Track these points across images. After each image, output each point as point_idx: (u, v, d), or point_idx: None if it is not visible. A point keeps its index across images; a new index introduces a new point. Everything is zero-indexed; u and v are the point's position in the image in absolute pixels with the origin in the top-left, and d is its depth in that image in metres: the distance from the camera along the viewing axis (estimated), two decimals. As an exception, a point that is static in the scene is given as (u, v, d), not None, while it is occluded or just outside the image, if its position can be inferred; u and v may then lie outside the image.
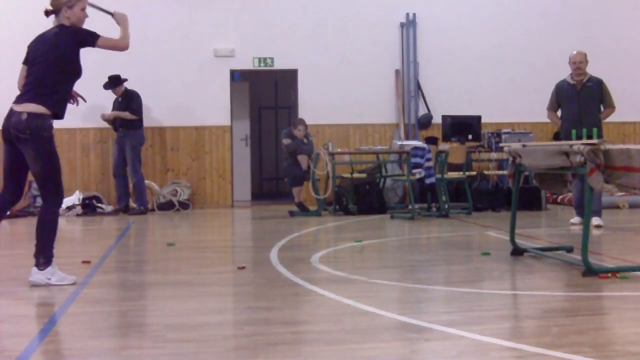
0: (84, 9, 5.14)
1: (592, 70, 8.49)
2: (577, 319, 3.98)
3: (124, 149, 11.00)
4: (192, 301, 4.56)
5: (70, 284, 5.02)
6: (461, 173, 10.48)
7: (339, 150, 11.10)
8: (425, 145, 9.84)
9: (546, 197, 10.69)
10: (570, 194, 9.32)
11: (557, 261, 5.82)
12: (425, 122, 12.39)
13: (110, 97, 11.21)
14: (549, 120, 9.04)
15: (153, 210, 11.29)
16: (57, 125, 5.27)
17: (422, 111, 12.45)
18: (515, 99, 12.43)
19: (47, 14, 5.14)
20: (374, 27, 12.33)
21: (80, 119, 11.60)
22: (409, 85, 12.40)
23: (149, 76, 11.71)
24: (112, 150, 11.44)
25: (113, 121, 11.10)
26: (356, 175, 11.17)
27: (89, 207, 11.08)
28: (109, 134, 11.60)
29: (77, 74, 5.18)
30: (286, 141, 10.66)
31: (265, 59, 12.18)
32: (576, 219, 8.47)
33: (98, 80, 10.83)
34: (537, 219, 9.62)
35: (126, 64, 11.32)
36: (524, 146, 5.97)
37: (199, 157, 12.05)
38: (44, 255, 5.01)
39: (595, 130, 6.12)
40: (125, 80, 11.14)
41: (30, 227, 5.11)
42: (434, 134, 11.95)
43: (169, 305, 4.47)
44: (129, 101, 11.06)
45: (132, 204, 11.18)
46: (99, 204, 11.20)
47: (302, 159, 10.59)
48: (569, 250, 6.21)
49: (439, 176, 9.91)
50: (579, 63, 8.29)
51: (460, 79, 12.39)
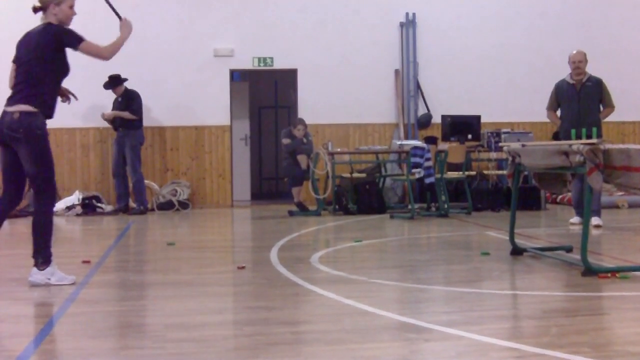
0: (72, 6, 5.09)
1: (592, 70, 8.49)
2: (576, 319, 3.98)
3: (124, 149, 11.00)
4: (192, 301, 4.57)
5: (70, 284, 5.02)
6: (461, 173, 10.48)
7: (338, 150, 11.10)
8: (424, 145, 9.84)
9: (545, 197, 10.69)
10: (570, 193, 9.32)
11: (556, 261, 5.83)
12: (424, 121, 12.39)
13: (110, 96, 11.21)
14: (548, 120, 9.04)
15: (153, 210, 11.29)
16: (58, 125, 5.27)
17: (421, 111, 12.46)
18: (515, 98, 12.44)
19: (35, 10, 5.09)
20: (373, 26, 12.33)
21: (80, 118, 11.61)
22: (408, 85, 12.40)
23: (149, 76, 11.72)
24: (111, 150, 11.44)
25: (113, 121, 11.10)
26: (356, 175, 11.17)
27: (88, 206, 11.08)
28: (109, 133, 11.59)
29: (63, 72, 5.10)
30: (286, 141, 10.66)
31: (265, 58, 12.19)
32: (575, 219, 8.47)
33: (98, 79, 10.84)
34: (536, 218, 9.63)
35: (126, 63, 11.31)
36: (523, 146, 5.97)
37: (199, 156, 12.05)
38: (42, 255, 5.00)
39: (594, 129, 6.11)
40: (126, 80, 11.14)
41: (30, 227, 5.09)
42: (433, 133, 11.95)
43: (168, 305, 4.47)
44: (129, 101, 11.06)
45: (132, 203, 11.18)
46: (98, 204, 11.21)
47: (302, 159, 10.59)
48: (569, 250, 6.21)
49: (438, 176, 9.91)
50: (578, 62, 8.29)
51: (459, 78, 12.40)
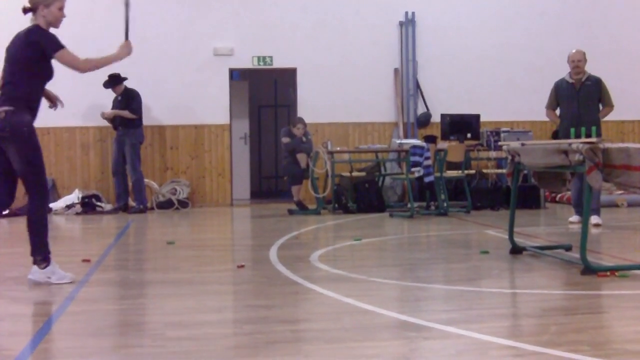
0: (61, 8, 5.05)
1: (592, 69, 8.49)
2: (575, 317, 3.98)
3: (124, 148, 11.00)
4: (192, 299, 4.57)
5: (69, 282, 5.02)
6: (460, 172, 10.48)
7: (338, 148, 11.10)
8: (424, 144, 9.84)
9: (545, 196, 10.70)
10: (569, 192, 9.33)
11: (555, 260, 5.83)
12: (424, 120, 12.40)
13: (110, 95, 11.21)
14: (547, 119, 9.04)
15: (152, 208, 11.29)
16: (57, 124, 5.26)
17: (421, 110, 12.47)
18: (514, 97, 12.44)
19: (25, 11, 5.06)
20: (373, 26, 12.33)
21: (80, 117, 11.62)
22: (408, 84, 12.40)
23: (149, 75, 11.72)
24: (111, 148, 11.44)
25: (113, 120, 11.10)
26: (355, 173, 11.18)
27: (88, 205, 11.08)
28: (109, 132, 11.59)
29: (46, 76, 5.05)
30: (285, 140, 10.66)
31: (264, 57, 12.19)
32: (575, 218, 8.47)
33: (98, 78, 10.83)
34: (535, 217, 9.63)
35: (126, 62, 11.26)
36: (522, 145, 5.97)
37: (199, 155, 12.05)
38: (40, 253, 4.99)
39: (594, 128, 6.11)
40: (125, 79, 11.14)
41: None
42: (432, 132, 11.94)
43: (168, 303, 4.47)
44: (129, 100, 11.06)
45: (132, 202, 11.18)
46: (98, 203, 11.21)
47: (301, 158, 10.59)
48: (568, 248, 6.21)
49: (437, 175, 9.92)
50: (577, 62, 8.30)
51: (459, 77, 12.41)
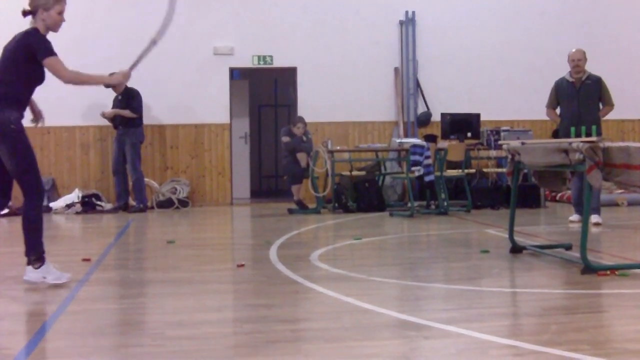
0: (61, 12, 5.02)
1: (592, 68, 8.49)
2: (576, 316, 3.98)
3: (124, 147, 11.00)
4: (192, 299, 4.57)
5: (66, 281, 4.97)
6: (460, 171, 10.48)
7: (338, 148, 11.10)
8: (424, 143, 9.84)
9: (545, 195, 10.69)
10: (569, 191, 9.33)
11: (556, 259, 5.83)
12: (424, 119, 12.40)
13: (110, 94, 11.20)
14: (547, 118, 9.03)
15: (152, 208, 11.29)
16: (57, 123, 5.24)
17: (421, 109, 12.46)
18: (514, 96, 12.44)
19: (25, 14, 5.03)
20: (373, 25, 12.33)
21: (80, 116, 11.61)
22: (408, 83, 12.40)
23: (149, 74, 11.67)
24: (111, 148, 11.44)
25: (113, 119, 11.10)
26: (355, 173, 11.18)
27: (88, 204, 11.08)
28: (109, 131, 11.59)
29: (36, 78, 5.00)
30: (285, 139, 10.65)
31: (264, 57, 12.18)
32: (575, 217, 8.47)
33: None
34: (536, 216, 9.62)
35: (125, 61, 11.31)
36: (523, 144, 5.96)
37: (199, 155, 12.05)
38: (34, 252, 4.94)
39: (594, 127, 6.11)
40: (125, 78, 11.12)
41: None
42: (433, 131, 11.95)
43: (168, 302, 4.47)
44: (129, 99, 11.05)
45: (132, 201, 11.18)
46: (98, 202, 11.21)
47: (302, 157, 10.59)
48: (568, 247, 6.21)
49: (438, 174, 9.91)
50: (577, 61, 8.29)
51: (459, 77, 12.40)
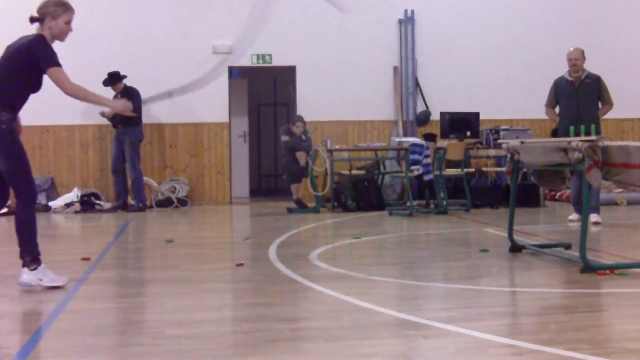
0: (68, 22, 4.98)
1: (591, 67, 8.48)
2: (575, 315, 3.98)
3: (123, 146, 10.99)
4: (191, 298, 4.57)
5: (62, 285, 4.89)
6: (459, 170, 10.48)
7: (337, 147, 11.10)
8: (423, 142, 9.84)
9: (544, 194, 10.70)
10: (569, 190, 9.33)
11: (555, 258, 5.83)
12: (423, 118, 12.40)
13: (109, 94, 11.17)
14: (547, 117, 9.03)
15: (151, 207, 11.29)
16: (56, 122, 5.23)
17: (420, 108, 12.46)
18: (514, 96, 12.44)
19: (32, 20, 4.99)
20: (372, 24, 12.33)
21: (79, 115, 11.60)
22: (407, 82, 12.40)
23: (148, 73, 11.71)
24: (110, 147, 11.44)
25: (112, 118, 11.09)
26: (354, 172, 11.18)
27: (87, 204, 11.08)
28: (108, 130, 11.59)
29: (33, 85, 4.95)
30: (284, 138, 10.65)
31: (263, 55, 12.18)
32: (574, 216, 8.47)
33: (97, 77, 10.82)
34: (535, 215, 9.62)
35: (125, 61, 11.36)
36: (522, 143, 5.96)
37: (198, 154, 12.05)
38: (29, 254, 4.89)
39: (593, 126, 6.11)
40: (125, 77, 11.12)
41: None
42: (432, 130, 11.96)
43: (167, 302, 4.47)
44: (129, 98, 11.00)
45: (131, 200, 11.17)
46: (97, 201, 11.21)
47: (301, 156, 10.59)
48: (567, 247, 6.21)
49: (437, 173, 9.92)
50: (575, 60, 8.29)
51: (458, 75, 12.40)
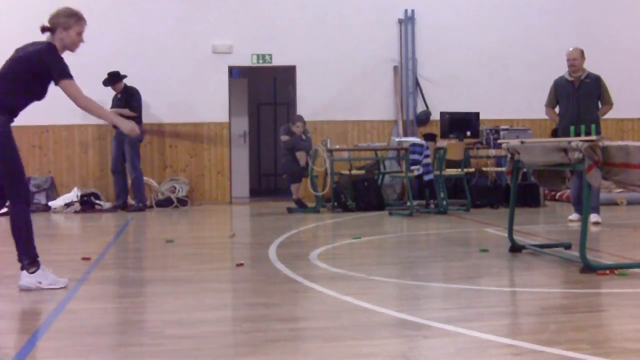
0: (80, 33, 4.96)
1: (591, 67, 8.48)
2: (575, 315, 3.98)
3: (123, 146, 10.99)
4: (191, 298, 4.57)
5: (62, 287, 4.87)
6: (459, 170, 10.48)
7: (337, 146, 11.09)
8: (423, 142, 9.84)
9: (544, 194, 10.69)
10: (569, 190, 9.33)
11: (555, 258, 5.83)
12: (423, 118, 12.40)
13: (109, 93, 11.18)
14: (547, 117, 9.03)
15: (151, 207, 11.29)
16: (56, 122, 5.22)
17: (420, 108, 12.46)
18: (514, 95, 12.44)
19: (43, 30, 4.95)
20: (372, 23, 12.33)
21: (79, 115, 11.53)
22: (407, 82, 12.40)
23: (148, 73, 11.70)
24: (110, 146, 11.43)
25: (112, 117, 11.07)
26: (354, 171, 11.17)
27: (87, 203, 11.08)
28: (108, 130, 11.58)
29: (35, 95, 4.92)
30: (284, 138, 10.65)
31: (263, 55, 12.17)
32: (574, 216, 8.47)
33: (97, 76, 10.82)
34: (535, 215, 9.62)
35: (125, 60, 11.37)
36: (522, 143, 5.96)
37: (198, 153, 12.04)
38: (27, 256, 4.86)
39: (593, 126, 6.11)
40: (125, 76, 11.11)
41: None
42: (432, 130, 11.95)
43: (167, 301, 4.47)
44: (129, 98, 11.04)
45: (131, 200, 11.17)
46: (97, 201, 11.20)
47: (301, 156, 10.58)
48: (567, 247, 6.22)
49: (437, 173, 9.91)
50: (572, 60, 8.29)
51: (458, 75, 12.40)
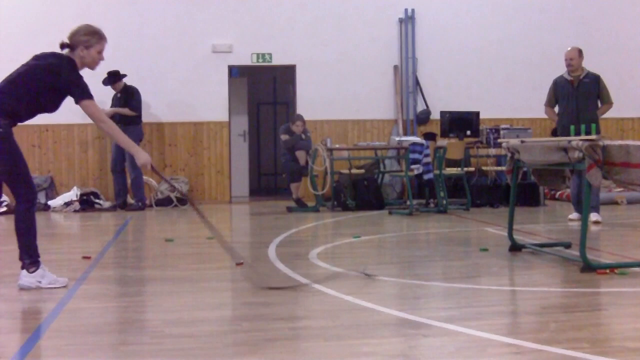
0: (100, 51, 4.96)
1: (590, 66, 8.48)
2: (575, 314, 3.98)
3: (123, 145, 10.97)
4: (190, 297, 4.57)
5: (62, 287, 4.86)
6: (459, 169, 10.48)
7: (337, 146, 11.09)
8: (423, 141, 9.84)
9: (544, 193, 10.69)
10: (569, 190, 9.33)
11: (555, 257, 5.83)
12: (423, 117, 12.39)
13: (109, 92, 11.18)
14: (547, 116, 9.03)
15: (151, 206, 11.29)
16: (56, 121, 5.21)
17: (420, 107, 12.46)
18: (514, 95, 12.44)
19: (62, 47, 4.93)
20: (372, 22, 12.33)
21: (79, 114, 11.53)
22: (407, 81, 12.40)
23: (148, 72, 11.71)
24: (110, 146, 11.43)
25: (112, 117, 11.06)
26: (354, 171, 11.18)
27: (86, 203, 11.08)
28: (107, 129, 11.57)
29: (41, 107, 4.91)
30: (284, 137, 10.65)
31: (263, 54, 12.17)
32: (574, 215, 8.47)
33: (97, 76, 10.79)
34: (535, 214, 9.62)
35: (125, 60, 11.36)
36: (522, 142, 5.96)
37: (197, 152, 12.04)
38: (28, 256, 4.86)
39: (593, 126, 6.11)
40: (125, 75, 11.10)
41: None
42: (432, 129, 11.97)
43: (167, 301, 4.47)
44: (128, 97, 11.03)
45: (130, 199, 11.17)
46: (96, 200, 11.20)
47: (300, 155, 10.58)
48: (567, 246, 6.22)
49: (437, 172, 9.91)
50: (570, 60, 8.28)
51: (458, 74, 12.40)
